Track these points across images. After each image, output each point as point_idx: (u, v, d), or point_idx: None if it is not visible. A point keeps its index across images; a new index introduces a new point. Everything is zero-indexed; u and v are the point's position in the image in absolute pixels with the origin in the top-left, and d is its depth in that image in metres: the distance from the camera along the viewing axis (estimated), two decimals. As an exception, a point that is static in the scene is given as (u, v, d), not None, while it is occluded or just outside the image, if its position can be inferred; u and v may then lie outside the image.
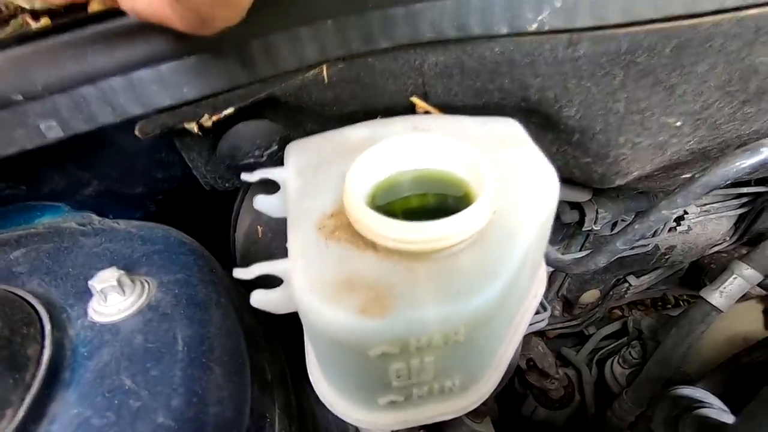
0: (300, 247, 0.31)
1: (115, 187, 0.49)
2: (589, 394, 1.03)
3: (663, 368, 0.82)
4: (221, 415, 0.32)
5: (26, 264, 0.38)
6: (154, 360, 0.31)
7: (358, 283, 0.28)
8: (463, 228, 0.28)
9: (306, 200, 0.35)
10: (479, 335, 0.30)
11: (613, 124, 0.40)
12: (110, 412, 0.28)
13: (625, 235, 0.47)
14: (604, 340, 1.13)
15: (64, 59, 0.33)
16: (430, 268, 0.29)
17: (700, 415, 0.64)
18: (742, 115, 0.40)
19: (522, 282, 0.35)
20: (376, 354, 0.28)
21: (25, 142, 0.35)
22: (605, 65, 0.36)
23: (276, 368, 0.44)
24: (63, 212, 0.49)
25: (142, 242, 0.41)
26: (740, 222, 0.98)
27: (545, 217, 0.33)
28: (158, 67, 0.34)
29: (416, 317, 0.27)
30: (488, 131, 0.39)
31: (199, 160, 0.44)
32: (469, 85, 0.40)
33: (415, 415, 0.35)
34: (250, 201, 0.58)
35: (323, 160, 0.38)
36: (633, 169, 0.44)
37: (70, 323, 0.33)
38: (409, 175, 0.36)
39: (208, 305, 0.37)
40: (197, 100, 0.37)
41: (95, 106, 0.34)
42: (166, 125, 0.37)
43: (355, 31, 0.36)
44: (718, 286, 0.75)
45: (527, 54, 0.36)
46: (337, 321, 0.27)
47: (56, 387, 0.29)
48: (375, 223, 0.28)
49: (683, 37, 0.34)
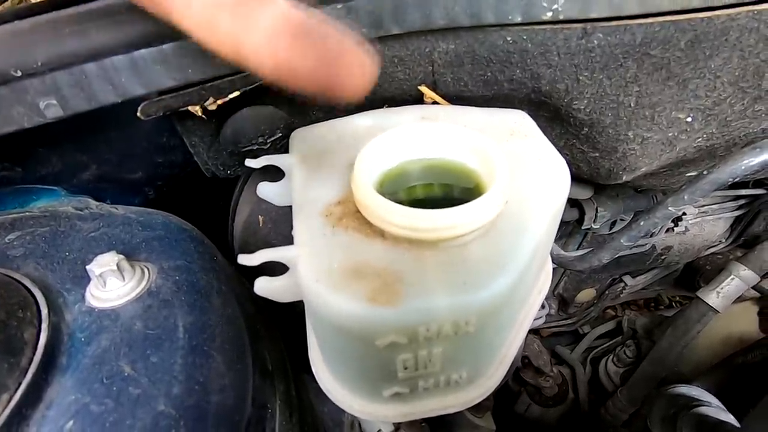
0: (306, 235, 0.30)
1: (114, 172, 0.48)
2: (583, 392, 1.03)
3: (658, 367, 0.83)
4: (223, 403, 0.31)
5: (21, 247, 0.37)
6: (155, 347, 0.30)
7: (365, 271, 0.28)
8: (474, 217, 0.28)
9: (311, 188, 0.34)
10: (489, 327, 0.30)
11: (624, 118, 0.39)
12: (109, 398, 0.27)
13: (630, 231, 0.47)
14: (599, 339, 1.14)
15: (65, 35, 0.32)
16: (440, 258, 0.28)
17: (699, 414, 0.64)
18: (753, 113, 0.40)
19: (530, 275, 0.34)
20: (384, 344, 0.27)
21: (23, 120, 0.34)
22: (619, 57, 0.35)
23: (276, 358, 0.43)
24: (59, 196, 0.47)
25: (142, 228, 0.40)
26: (736, 224, 0.99)
27: (556, 209, 0.33)
28: (162, 47, 0.33)
29: (426, 306, 0.26)
30: (497, 122, 0.39)
31: (201, 146, 0.43)
32: (479, 74, 0.39)
33: (420, 407, 0.34)
34: (249, 190, 0.57)
35: (329, 148, 0.37)
36: (641, 165, 0.44)
37: (67, 308, 0.32)
38: (418, 164, 0.35)
39: (209, 292, 0.36)
40: (202, 82, 0.36)
41: (97, 84, 0.33)
42: (170, 107, 0.36)
43: (365, 15, 0.35)
44: (715, 287, 0.75)
45: (540, 44, 0.36)
46: (344, 309, 0.26)
47: (53, 372, 0.28)
48: (386, 209, 0.28)
49: (699, 30, 0.33)
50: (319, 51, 0.22)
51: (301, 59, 0.21)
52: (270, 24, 0.21)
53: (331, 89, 0.23)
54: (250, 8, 0.21)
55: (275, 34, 0.21)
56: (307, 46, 0.21)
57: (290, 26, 0.21)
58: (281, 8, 0.21)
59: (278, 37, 0.21)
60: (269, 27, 0.21)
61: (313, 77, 0.22)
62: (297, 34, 0.21)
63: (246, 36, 0.21)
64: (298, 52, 0.21)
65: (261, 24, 0.21)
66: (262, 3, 0.21)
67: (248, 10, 0.21)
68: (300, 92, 0.23)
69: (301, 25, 0.21)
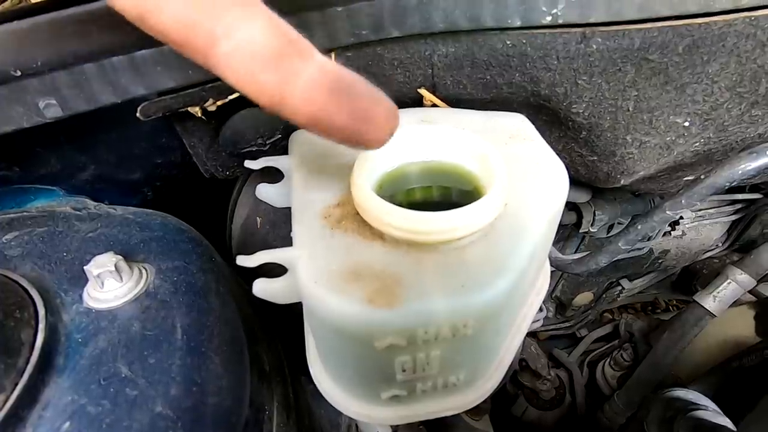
0: (305, 237, 0.30)
1: (112, 172, 0.48)
2: (580, 395, 1.03)
3: (655, 371, 0.83)
4: (220, 404, 0.31)
5: (19, 247, 0.37)
6: (152, 348, 0.30)
7: (364, 273, 0.28)
8: (473, 220, 0.28)
9: (311, 189, 0.34)
10: (487, 329, 0.30)
11: (622, 122, 0.40)
12: (106, 400, 0.27)
13: (628, 235, 0.47)
14: (596, 343, 1.14)
15: (65, 35, 0.32)
16: (439, 260, 0.28)
17: (695, 417, 0.65)
18: (750, 118, 0.40)
19: (528, 278, 0.34)
20: (382, 346, 0.27)
21: (22, 120, 0.34)
22: (617, 62, 0.35)
23: (274, 360, 0.43)
24: (57, 196, 0.47)
25: (140, 228, 0.40)
26: (733, 228, 0.99)
27: (554, 212, 0.33)
28: (162, 48, 0.33)
29: (424, 308, 0.26)
30: (496, 125, 0.39)
31: (200, 146, 0.43)
32: (478, 78, 0.39)
33: (418, 410, 0.34)
34: (248, 191, 0.57)
35: (328, 150, 0.37)
36: (639, 169, 0.44)
37: (65, 308, 0.32)
38: (418, 166, 0.35)
39: (207, 293, 0.36)
40: (201, 83, 0.36)
41: (96, 84, 0.33)
42: (170, 108, 0.36)
43: (365, 18, 0.35)
44: (711, 291, 0.75)
45: (539, 48, 0.36)
46: (342, 311, 0.26)
47: (50, 373, 0.28)
48: (385, 212, 0.28)
49: (696, 35, 0.34)
50: (352, 105, 0.23)
51: (336, 113, 0.23)
52: (309, 78, 0.22)
53: (361, 139, 0.24)
54: (292, 63, 0.22)
55: (314, 89, 0.22)
56: (342, 100, 0.23)
57: (327, 81, 0.22)
58: (320, 63, 0.23)
59: (317, 91, 0.22)
60: (309, 81, 0.22)
61: (345, 129, 0.23)
62: (333, 89, 0.22)
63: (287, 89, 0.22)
64: (334, 106, 0.22)
65: (302, 78, 0.22)
66: (303, 58, 0.22)
67: (291, 65, 0.22)
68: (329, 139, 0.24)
69: (337, 80, 0.23)
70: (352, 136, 0.24)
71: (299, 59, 0.22)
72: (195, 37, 0.21)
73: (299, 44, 0.22)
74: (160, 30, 0.21)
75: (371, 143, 0.25)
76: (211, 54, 0.22)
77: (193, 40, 0.21)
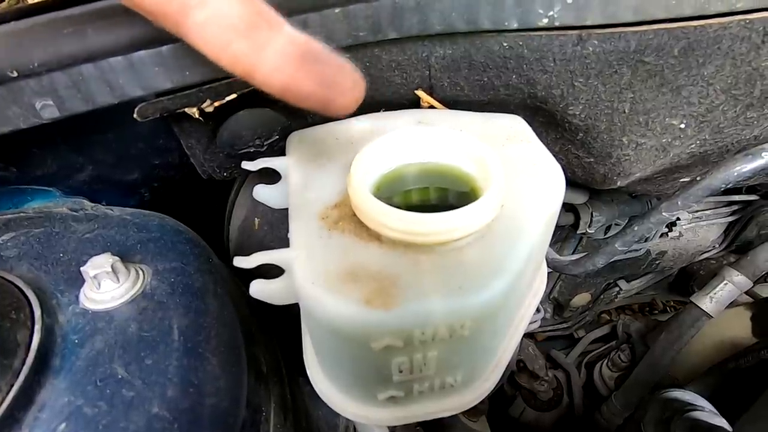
0: (302, 238, 0.30)
1: (109, 173, 0.48)
2: (578, 396, 1.03)
3: (652, 372, 0.83)
4: (217, 406, 0.31)
5: (15, 248, 0.37)
6: (149, 349, 0.30)
7: (361, 274, 0.28)
8: (470, 221, 0.28)
9: (308, 190, 0.34)
10: (484, 330, 0.30)
11: (618, 124, 0.40)
12: (102, 401, 0.27)
13: (624, 236, 0.47)
14: (594, 344, 1.14)
15: (62, 36, 0.32)
16: (436, 261, 0.28)
17: (692, 418, 0.65)
18: (745, 120, 0.40)
19: (526, 279, 0.34)
20: (379, 347, 0.27)
21: (19, 120, 0.33)
22: (613, 64, 0.36)
23: (271, 361, 0.43)
24: (54, 197, 0.47)
25: (137, 229, 0.40)
26: (729, 229, 1.00)
27: (551, 213, 0.33)
28: (160, 49, 0.33)
29: (422, 309, 0.26)
30: (493, 127, 0.39)
31: (197, 147, 0.43)
32: (475, 79, 0.39)
33: (415, 411, 0.34)
34: (245, 192, 0.57)
35: (325, 151, 0.38)
36: (635, 171, 0.44)
37: (61, 309, 0.32)
38: (415, 168, 0.35)
39: (204, 295, 0.36)
40: (199, 84, 0.36)
41: (94, 85, 0.33)
42: (167, 109, 0.36)
43: (363, 20, 0.35)
44: (708, 292, 0.76)
45: (536, 50, 0.36)
46: (340, 312, 0.26)
47: (46, 374, 0.28)
48: (381, 213, 0.28)
49: (692, 38, 0.34)
50: (320, 73, 0.24)
51: (305, 80, 0.24)
52: (280, 48, 0.23)
53: (328, 106, 0.26)
54: (262, 33, 0.23)
55: (285, 58, 0.24)
56: (310, 69, 0.24)
57: (297, 51, 0.24)
58: (289, 34, 0.24)
59: (287, 60, 0.24)
60: (279, 51, 0.23)
61: (314, 96, 0.25)
62: (303, 58, 0.24)
63: (259, 59, 0.23)
64: (303, 74, 0.24)
65: (272, 48, 0.23)
66: (273, 28, 0.24)
67: (261, 35, 0.23)
68: (300, 107, 0.25)
69: (306, 50, 0.24)
70: (320, 103, 0.25)
71: (269, 30, 0.23)
72: (169, 6, 0.22)
73: (269, 15, 0.24)
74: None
75: (338, 109, 0.26)
76: (183, 23, 0.23)
77: (167, 9, 0.22)
